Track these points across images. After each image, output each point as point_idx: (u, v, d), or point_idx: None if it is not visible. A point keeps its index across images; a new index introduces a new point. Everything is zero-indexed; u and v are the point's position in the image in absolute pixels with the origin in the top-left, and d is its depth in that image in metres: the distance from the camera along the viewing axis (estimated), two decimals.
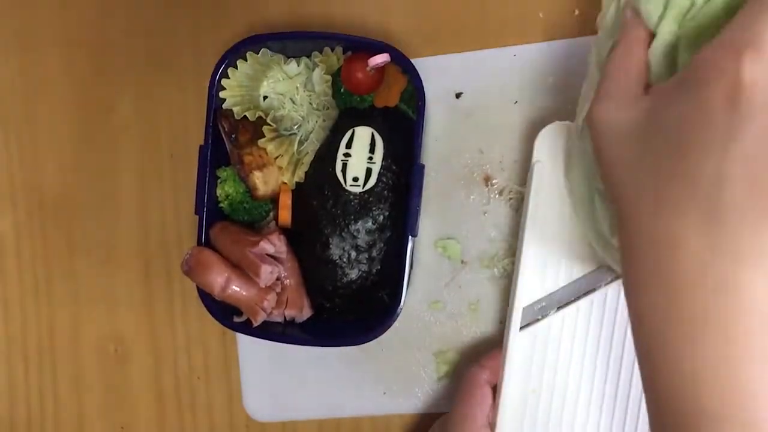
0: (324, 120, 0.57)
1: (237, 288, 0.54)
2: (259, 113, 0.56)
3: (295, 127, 0.58)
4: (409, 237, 0.54)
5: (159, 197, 0.64)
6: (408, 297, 0.57)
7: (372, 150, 0.55)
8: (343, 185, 0.55)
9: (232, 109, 0.56)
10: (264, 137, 0.56)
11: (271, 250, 0.55)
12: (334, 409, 0.61)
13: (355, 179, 0.55)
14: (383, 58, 0.53)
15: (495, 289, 0.58)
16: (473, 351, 0.58)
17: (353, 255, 0.55)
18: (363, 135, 0.55)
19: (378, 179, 0.55)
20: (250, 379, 0.62)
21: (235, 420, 0.63)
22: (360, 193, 0.55)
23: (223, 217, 0.58)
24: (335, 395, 0.60)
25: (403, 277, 0.54)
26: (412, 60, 0.54)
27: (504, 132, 0.57)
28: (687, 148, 0.33)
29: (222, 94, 0.56)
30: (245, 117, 0.56)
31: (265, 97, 0.58)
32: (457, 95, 0.58)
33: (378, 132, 0.55)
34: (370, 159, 0.55)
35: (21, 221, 0.66)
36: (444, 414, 0.56)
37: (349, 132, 0.55)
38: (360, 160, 0.55)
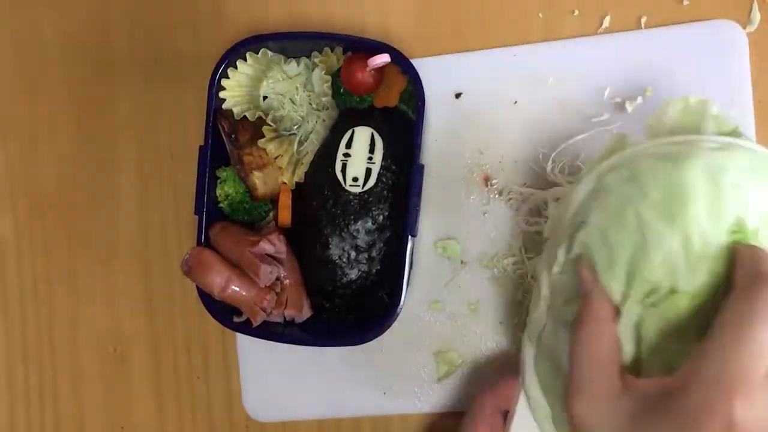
0: (324, 120, 0.57)
1: (237, 288, 0.54)
2: (259, 113, 0.56)
3: (295, 128, 0.58)
4: (409, 237, 0.54)
5: (159, 197, 0.64)
6: (408, 297, 0.57)
7: (372, 150, 0.55)
8: (343, 185, 0.55)
9: (232, 109, 0.56)
10: (264, 137, 0.56)
11: (271, 250, 0.55)
12: (334, 409, 0.61)
13: (355, 179, 0.55)
14: (383, 58, 0.53)
15: (495, 290, 0.58)
16: (473, 352, 0.58)
17: (353, 255, 0.55)
18: (363, 135, 0.55)
19: (378, 179, 0.55)
20: (250, 379, 0.62)
21: (235, 420, 0.63)
22: (360, 193, 0.55)
23: (223, 217, 0.58)
24: (335, 395, 0.60)
25: (403, 277, 0.54)
26: (411, 60, 0.54)
27: (504, 132, 0.57)
28: None
29: (222, 94, 0.56)
30: (245, 117, 0.56)
31: (265, 98, 0.58)
32: (457, 95, 0.58)
33: (378, 132, 0.55)
34: (369, 159, 0.55)
35: (21, 221, 0.66)
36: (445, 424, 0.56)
37: (349, 132, 0.55)
38: (360, 160, 0.55)
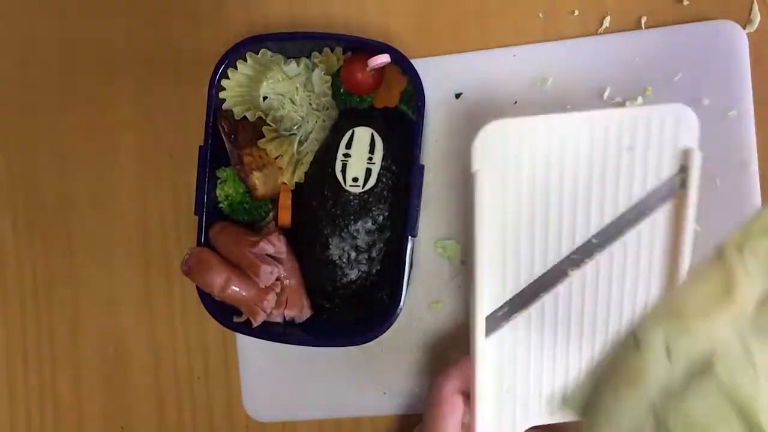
0: (324, 120, 0.57)
1: (237, 288, 0.54)
2: (259, 113, 0.56)
3: (295, 128, 0.58)
4: (409, 237, 0.54)
5: (159, 197, 0.64)
6: (408, 297, 0.57)
7: (372, 150, 0.55)
8: (343, 185, 0.55)
9: (231, 110, 0.56)
10: (264, 137, 0.56)
11: (271, 250, 0.55)
12: (334, 409, 0.61)
13: (355, 179, 0.55)
14: (383, 58, 0.53)
15: None
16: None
17: (353, 255, 0.55)
18: (363, 135, 0.55)
19: (378, 179, 0.55)
20: (250, 379, 0.62)
21: (235, 420, 0.63)
22: (360, 194, 0.55)
23: (223, 218, 0.58)
24: (335, 395, 0.60)
25: (403, 278, 0.54)
26: (412, 60, 0.54)
27: None
28: None
29: (222, 94, 0.56)
30: (245, 117, 0.56)
31: (265, 98, 0.58)
32: (457, 95, 0.58)
33: (378, 132, 0.55)
34: (369, 159, 0.55)
35: (21, 221, 0.66)
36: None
37: (349, 132, 0.55)
38: (360, 160, 0.55)
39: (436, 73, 0.58)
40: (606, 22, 0.56)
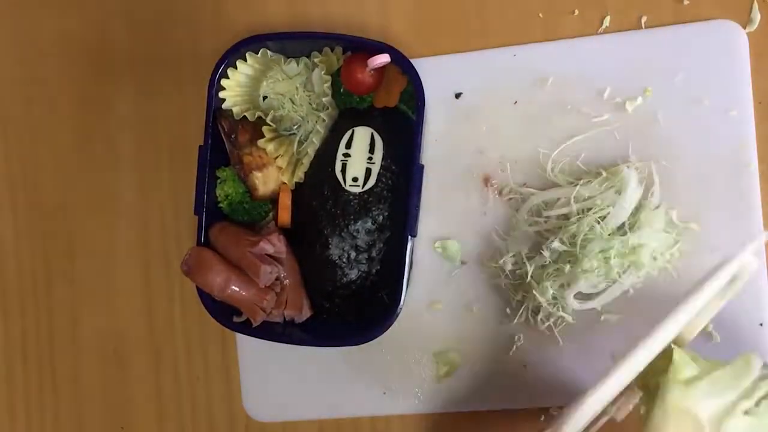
0: (324, 120, 0.57)
1: (236, 288, 0.54)
2: (259, 113, 0.56)
3: (295, 128, 0.58)
4: (409, 237, 0.54)
5: (158, 197, 0.64)
6: (408, 297, 0.56)
7: (372, 150, 0.55)
8: (343, 185, 0.55)
9: (231, 109, 0.56)
10: (263, 137, 0.56)
11: (271, 250, 0.55)
12: (334, 409, 0.61)
13: (355, 179, 0.55)
14: (383, 58, 0.53)
15: (494, 289, 0.58)
16: (472, 352, 0.58)
17: (353, 255, 0.55)
18: (363, 135, 0.55)
19: (377, 179, 0.55)
20: (250, 379, 0.62)
21: (235, 420, 0.63)
22: (359, 194, 0.55)
23: (223, 218, 0.58)
24: (335, 395, 0.60)
25: (403, 277, 0.54)
26: (412, 60, 0.54)
27: (504, 132, 0.57)
28: None
29: (222, 94, 0.56)
30: (245, 117, 0.56)
31: (265, 98, 0.58)
32: (457, 95, 0.58)
33: (378, 132, 0.55)
34: (369, 159, 0.55)
35: (21, 221, 0.66)
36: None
37: (349, 132, 0.55)
38: (360, 160, 0.55)
39: (436, 73, 0.57)
40: (606, 21, 0.56)
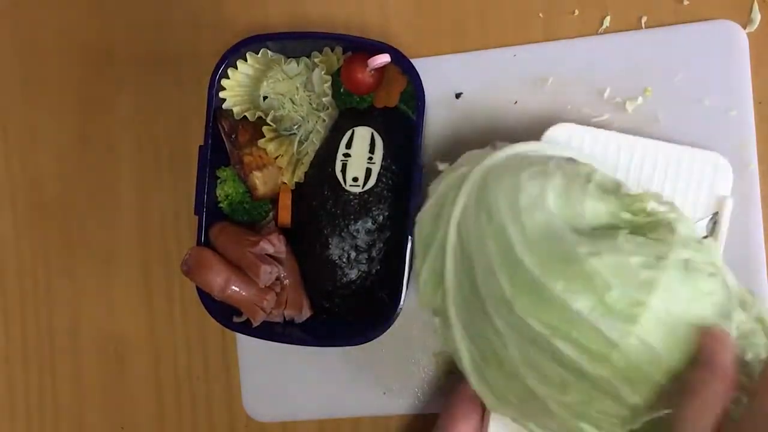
0: (324, 120, 0.57)
1: (236, 288, 0.54)
2: (259, 113, 0.56)
3: (295, 127, 0.58)
4: (409, 237, 0.54)
5: (159, 197, 0.64)
6: (408, 297, 0.56)
7: (372, 150, 0.55)
8: (343, 185, 0.55)
9: (232, 109, 0.56)
10: (264, 137, 0.56)
11: (271, 250, 0.55)
12: (334, 409, 0.61)
13: (355, 179, 0.55)
14: (383, 58, 0.53)
15: None
16: None
17: (353, 255, 0.55)
18: (363, 135, 0.55)
19: (378, 179, 0.55)
20: (250, 379, 0.62)
21: (235, 420, 0.63)
22: (360, 193, 0.55)
23: (223, 218, 0.58)
24: (335, 395, 0.60)
25: (403, 277, 0.54)
26: (412, 60, 0.54)
27: (504, 132, 0.57)
28: None
29: (222, 94, 0.56)
30: (245, 117, 0.56)
31: (265, 97, 0.58)
32: (457, 95, 0.58)
33: (378, 132, 0.55)
34: (369, 159, 0.55)
35: (21, 221, 0.66)
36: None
37: (349, 132, 0.55)
38: (360, 160, 0.55)
39: (436, 73, 0.58)
40: (606, 22, 0.56)
